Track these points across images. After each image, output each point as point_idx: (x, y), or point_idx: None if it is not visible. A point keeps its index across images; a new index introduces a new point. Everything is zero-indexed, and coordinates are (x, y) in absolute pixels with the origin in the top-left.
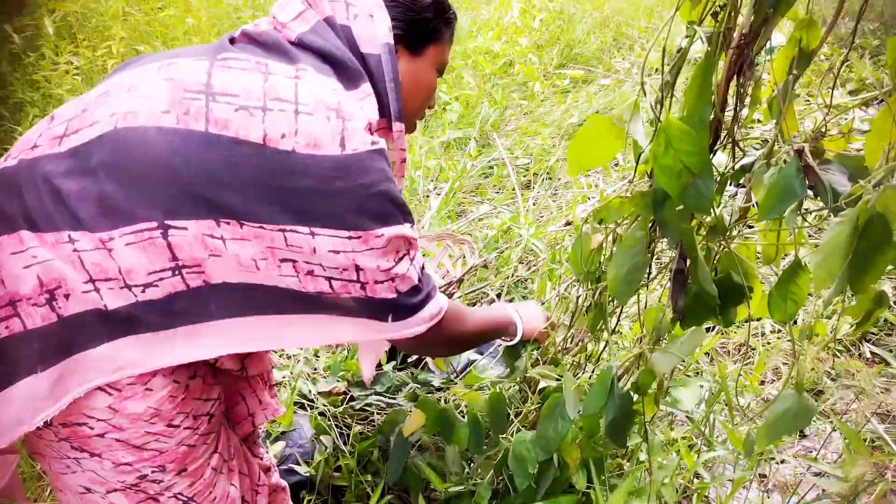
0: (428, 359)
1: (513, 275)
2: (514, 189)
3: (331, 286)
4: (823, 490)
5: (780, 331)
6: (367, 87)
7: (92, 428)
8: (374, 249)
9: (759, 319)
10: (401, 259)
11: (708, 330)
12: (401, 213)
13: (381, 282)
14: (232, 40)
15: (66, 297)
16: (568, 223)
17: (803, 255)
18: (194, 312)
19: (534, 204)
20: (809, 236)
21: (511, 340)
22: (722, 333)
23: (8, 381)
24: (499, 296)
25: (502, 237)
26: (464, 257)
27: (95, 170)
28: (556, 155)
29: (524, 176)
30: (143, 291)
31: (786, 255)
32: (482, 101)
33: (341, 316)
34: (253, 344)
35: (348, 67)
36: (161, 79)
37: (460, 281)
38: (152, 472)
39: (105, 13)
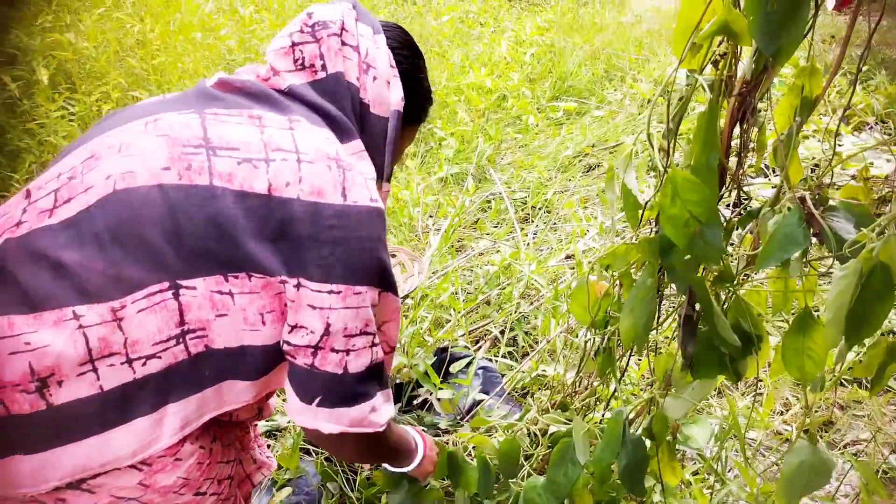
0: (433, 399)
1: (516, 311)
2: (512, 223)
3: (286, 344)
4: None
5: None
6: (358, 144)
7: None
8: (348, 309)
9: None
10: (364, 333)
11: None
12: (385, 280)
13: (336, 351)
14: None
15: (59, 383)
16: (568, 257)
17: (816, 305)
18: (188, 384)
19: (533, 237)
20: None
21: (399, 468)
22: None
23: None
24: (502, 332)
25: (503, 273)
26: (413, 276)
27: (98, 236)
28: (552, 188)
29: (522, 210)
30: (143, 365)
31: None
32: (477, 136)
33: None
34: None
35: (340, 123)
36: (153, 135)
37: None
38: None
39: (99, 59)
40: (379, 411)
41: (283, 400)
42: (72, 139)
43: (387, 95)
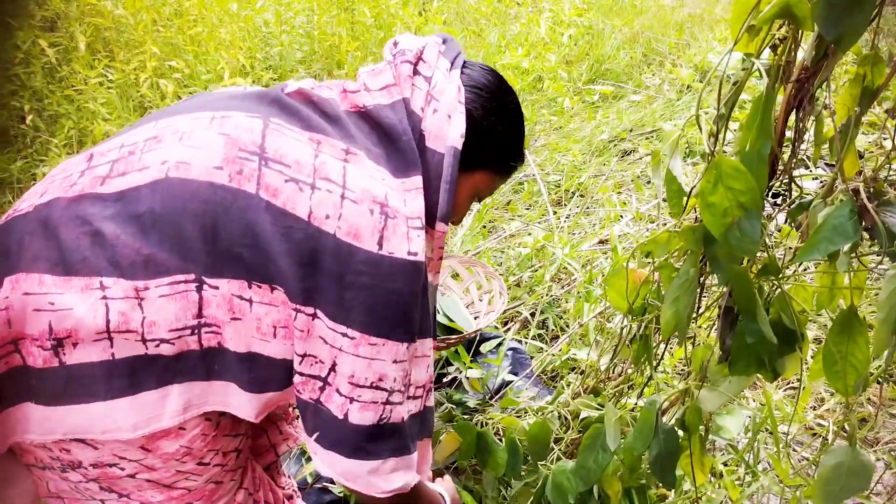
0: (463, 378)
1: (547, 294)
2: (545, 206)
3: (297, 375)
4: None
5: None
6: (417, 179)
7: (123, 469)
8: (358, 357)
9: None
10: (377, 388)
11: None
12: (411, 333)
13: (340, 394)
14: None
15: (74, 345)
16: (601, 242)
17: (863, 306)
18: (196, 372)
19: (567, 220)
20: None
21: None
22: None
23: (7, 403)
24: (532, 315)
25: (536, 255)
26: (491, 295)
27: (141, 216)
28: (587, 172)
29: (555, 193)
30: (156, 346)
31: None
32: None
33: None
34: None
35: (406, 154)
36: (215, 132)
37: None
38: None
39: (137, 28)
40: (383, 476)
41: None
42: (110, 106)
43: (445, 129)
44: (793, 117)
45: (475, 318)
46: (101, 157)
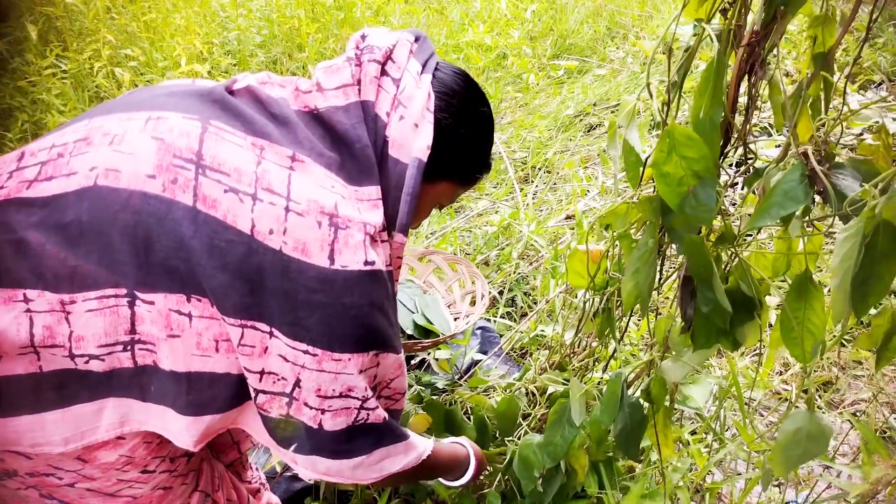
0: (431, 360)
1: (514, 271)
2: (512, 183)
3: (259, 394)
4: (841, 490)
5: None
6: (373, 190)
7: (61, 479)
8: (323, 372)
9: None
10: (345, 396)
11: None
12: (381, 343)
13: (310, 407)
14: (231, 91)
15: None
16: (568, 217)
17: (819, 270)
18: (131, 389)
19: (533, 197)
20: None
21: (455, 480)
22: None
23: None
24: (500, 293)
25: (502, 233)
26: (474, 297)
27: (69, 226)
28: (553, 148)
29: (522, 170)
30: (86, 363)
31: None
32: None
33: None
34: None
35: (361, 161)
36: (148, 136)
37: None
38: None
39: (89, 15)
40: (370, 467)
41: None
42: (65, 98)
43: (410, 139)
44: (746, 83)
45: (455, 320)
46: (32, 157)
